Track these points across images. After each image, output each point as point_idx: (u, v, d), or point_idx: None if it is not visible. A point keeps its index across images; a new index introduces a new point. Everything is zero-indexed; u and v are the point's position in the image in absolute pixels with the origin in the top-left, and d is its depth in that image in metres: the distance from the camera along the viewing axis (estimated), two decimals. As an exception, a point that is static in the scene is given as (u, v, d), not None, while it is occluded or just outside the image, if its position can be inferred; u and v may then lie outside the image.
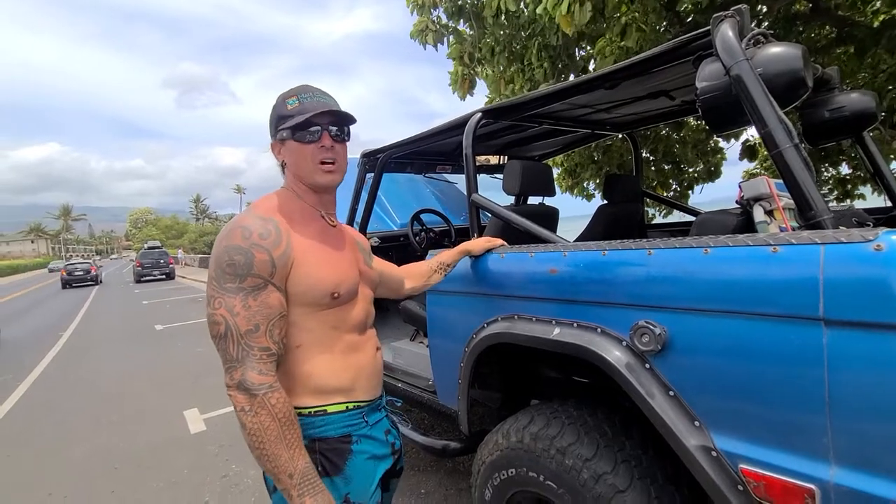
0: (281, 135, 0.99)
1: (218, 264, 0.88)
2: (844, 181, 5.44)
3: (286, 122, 0.97)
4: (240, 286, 0.87)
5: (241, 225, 0.90)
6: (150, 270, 21.88)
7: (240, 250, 0.87)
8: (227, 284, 0.87)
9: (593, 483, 1.21)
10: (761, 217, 1.32)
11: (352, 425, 0.99)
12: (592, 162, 5.52)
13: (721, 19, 1.17)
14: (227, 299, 0.86)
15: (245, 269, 0.87)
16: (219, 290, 0.87)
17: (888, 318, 0.77)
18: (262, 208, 0.97)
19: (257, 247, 0.88)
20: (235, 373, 0.85)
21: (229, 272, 0.87)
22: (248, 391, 0.84)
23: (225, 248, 0.88)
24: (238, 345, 0.85)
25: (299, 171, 1.01)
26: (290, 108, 0.97)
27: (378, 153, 2.48)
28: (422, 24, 4.45)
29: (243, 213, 0.96)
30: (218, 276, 0.88)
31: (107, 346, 7.18)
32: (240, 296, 0.86)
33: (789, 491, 0.89)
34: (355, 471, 0.97)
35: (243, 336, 0.85)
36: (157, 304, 12.32)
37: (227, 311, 0.86)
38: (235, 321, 0.85)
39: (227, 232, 0.91)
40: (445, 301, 1.81)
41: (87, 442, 3.52)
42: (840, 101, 1.64)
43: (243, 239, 0.88)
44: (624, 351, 1.15)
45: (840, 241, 0.83)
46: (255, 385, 0.84)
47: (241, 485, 2.74)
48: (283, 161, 1.03)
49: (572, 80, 1.66)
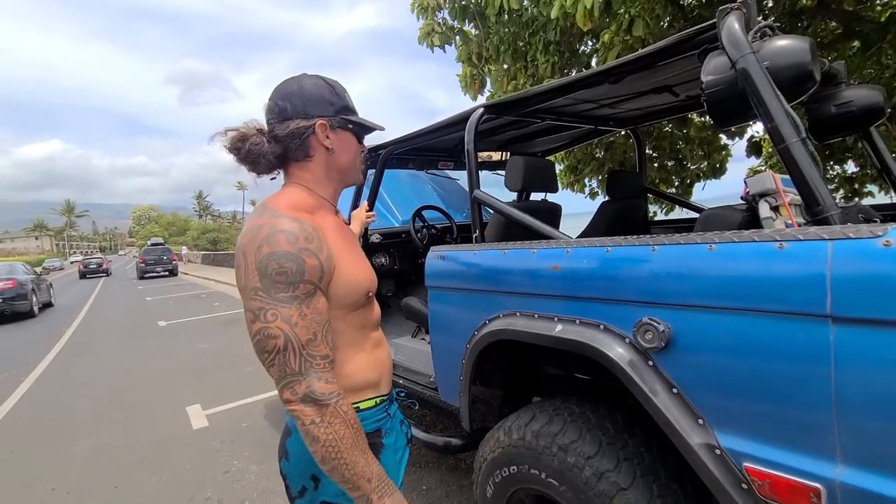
0: (344, 123, 0.97)
1: (264, 273, 0.81)
2: (851, 179, 5.40)
3: (354, 116, 0.99)
4: (293, 294, 0.81)
5: (281, 229, 0.83)
6: (153, 267, 21.95)
7: (290, 256, 0.81)
8: (280, 294, 0.81)
9: (595, 481, 1.20)
10: (767, 213, 1.31)
11: (380, 419, 0.99)
12: (594, 158, 5.50)
13: (727, 12, 1.15)
14: (283, 310, 0.81)
15: (298, 276, 0.82)
16: (270, 301, 0.80)
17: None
18: (284, 206, 0.89)
19: (307, 251, 0.83)
20: (299, 386, 0.80)
21: (281, 280, 0.81)
22: (316, 402, 0.80)
23: (270, 255, 0.81)
24: (300, 356, 0.81)
25: (347, 164, 1.01)
26: (352, 105, 1.00)
27: (380, 149, 2.46)
28: (428, 27, 4.44)
29: (269, 216, 0.86)
30: (267, 287, 0.81)
31: (110, 343, 7.21)
32: (294, 305, 0.81)
33: (795, 490, 0.88)
34: (387, 464, 0.97)
35: (304, 346, 0.81)
36: (161, 301, 12.36)
37: (284, 322, 0.80)
38: (295, 332, 0.80)
39: (265, 237, 0.82)
40: (447, 297, 1.80)
41: (90, 437, 3.54)
42: (847, 96, 1.62)
43: (290, 244, 0.82)
44: (627, 348, 1.13)
45: (848, 236, 0.82)
46: (325, 395, 0.81)
47: (243, 480, 2.74)
48: (330, 147, 0.96)
49: (575, 74, 1.64)
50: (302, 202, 0.93)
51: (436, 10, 4.51)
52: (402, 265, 3.33)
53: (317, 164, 0.97)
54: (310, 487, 0.94)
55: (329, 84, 0.97)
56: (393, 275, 3.30)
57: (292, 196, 0.93)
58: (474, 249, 1.66)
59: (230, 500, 2.54)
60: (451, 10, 4.43)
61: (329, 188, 1.01)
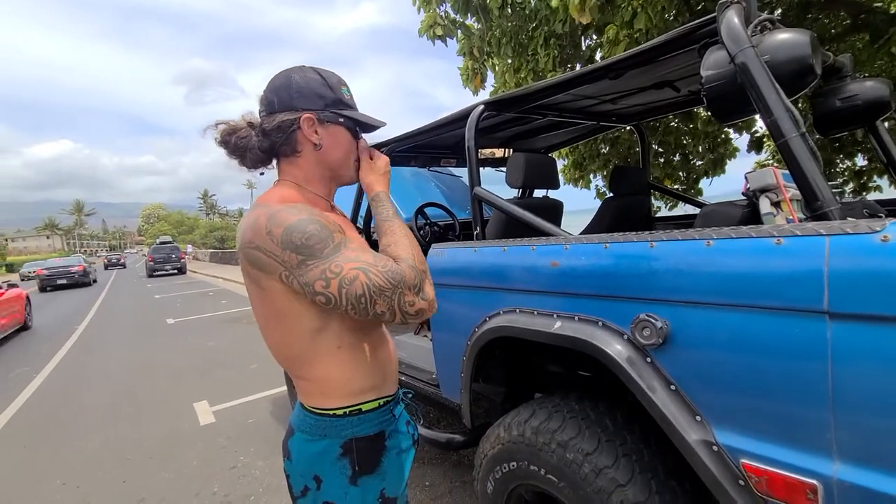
0: (335, 118, 0.92)
1: (295, 247, 0.79)
2: (860, 173, 5.31)
3: (347, 110, 0.94)
4: (334, 245, 0.81)
5: (279, 209, 0.83)
6: (161, 265, 22.16)
7: (305, 221, 0.80)
8: (325, 251, 0.80)
9: (594, 477, 1.20)
10: (767, 208, 1.29)
11: (384, 421, 0.98)
12: (598, 154, 5.46)
13: (727, 6, 1.13)
14: (338, 259, 0.80)
15: (326, 231, 0.81)
16: (324, 261, 0.79)
17: (894, 310, 0.75)
18: (275, 201, 0.88)
19: (316, 212, 0.84)
20: (409, 295, 0.82)
21: (315, 243, 0.79)
22: (425, 279, 0.86)
23: (287, 230, 0.79)
24: (385, 277, 0.80)
25: (337, 161, 0.96)
26: (347, 98, 0.95)
27: (381, 146, 2.47)
28: (430, 20, 4.42)
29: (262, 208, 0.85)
30: (309, 254, 0.79)
31: (119, 340, 7.30)
32: (342, 251, 0.81)
33: (791, 486, 0.88)
34: (390, 466, 0.97)
35: (380, 269, 0.81)
36: (169, 299, 12.48)
37: (351, 265, 0.79)
38: (365, 266, 0.80)
39: (268, 222, 0.81)
40: (448, 294, 1.80)
41: (100, 433, 3.59)
42: (853, 90, 1.59)
43: (297, 213, 0.82)
44: (625, 344, 1.13)
45: (846, 231, 0.81)
46: (421, 274, 0.86)
47: (249, 476, 2.77)
48: (317, 143, 0.92)
49: (576, 70, 1.63)
50: (292, 196, 0.91)
51: (438, 3, 4.49)
52: None
53: (305, 160, 0.94)
54: (312, 487, 0.93)
55: (322, 76, 0.93)
56: None
57: (284, 191, 0.92)
58: (475, 247, 1.67)
59: (236, 495, 2.57)
60: (453, 4, 4.41)
61: (320, 185, 0.97)
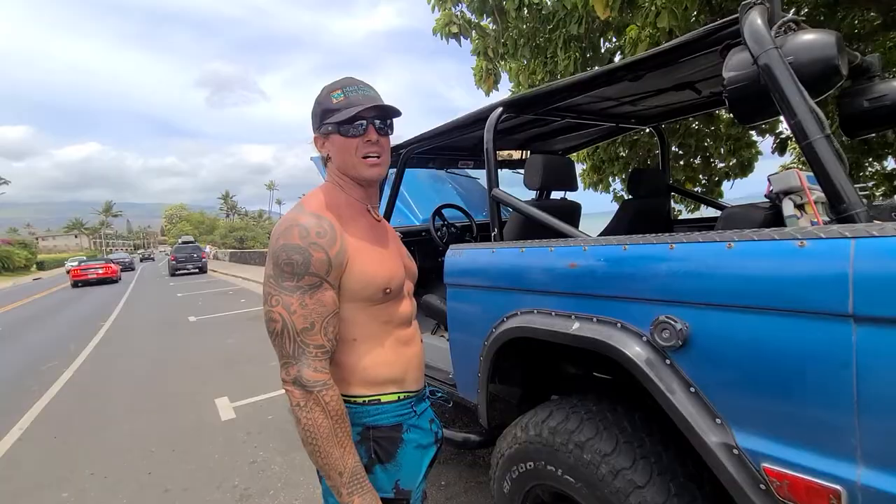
0: (326, 128, 0.98)
1: (276, 262, 0.89)
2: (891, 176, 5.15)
3: (332, 115, 0.96)
4: (297, 284, 0.88)
5: (299, 223, 0.90)
6: (183, 264, 22.68)
7: (298, 249, 0.88)
8: (285, 283, 0.88)
9: (612, 478, 1.20)
10: (791, 211, 1.28)
11: (403, 415, 1.01)
12: (618, 158, 5.41)
13: (750, 6, 1.13)
14: (285, 297, 0.88)
15: (303, 268, 0.88)
16: (276, 288, 0.88)
17: (921, 314, 0.73)
18: (313, 205, 0.96)
19: (315, 246, 0.89)
20: (291, 369, 0.87)
21: (287, 271, 0.88)
22: (303, 387, 0.86)
23: (283, 247, 0.89)
24: (294, 342, 0.87)
25: (345, 165, 1.00)
26: (336, 102, 0.96)
27: (400, 148, 2.50)
28: (445, 19, 4.45)
29: (297, 211, 0.95)
30: (276, 275, 0.89)
31: (143, 337, 7.51)
32: (297, 294, 0.88)
33: (814, 491, 0.87)
34: (405, 459, 1.00)
35: (299, 334, 0.87)
36: (191, 297, 12.78)
37: (284, 308, 0.87)
38: (292, 319, 0.87)
39: (284, 229, 0.91)
40: (465, 295, 1.82)
41: (125, 426, 3.71)
42: (881, 90, 1.55)
43: (301, 238, 0.89)
44: (644, 346, 1.13)
45: (871, 234, 0.80)
46: (310, 382, 0.86)
47: (268, 471, 2.83)
48: (328, 154, 1.02)
49: (595, 70, 1.63)
50: (330, 201, 0.99)
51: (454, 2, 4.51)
52: (423, 263, 3.35)
53: (332, 170, 1.05)
54: None
55: (320, 94, 1.00)
56: None
57: (320, 196, 1.00)
58: (493, 247, 1.68)
59: (256, 489, 2.63)
60: (469, 4, 4.42)
61: (356, 189, 1.04)
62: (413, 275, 1.16)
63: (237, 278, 17.79)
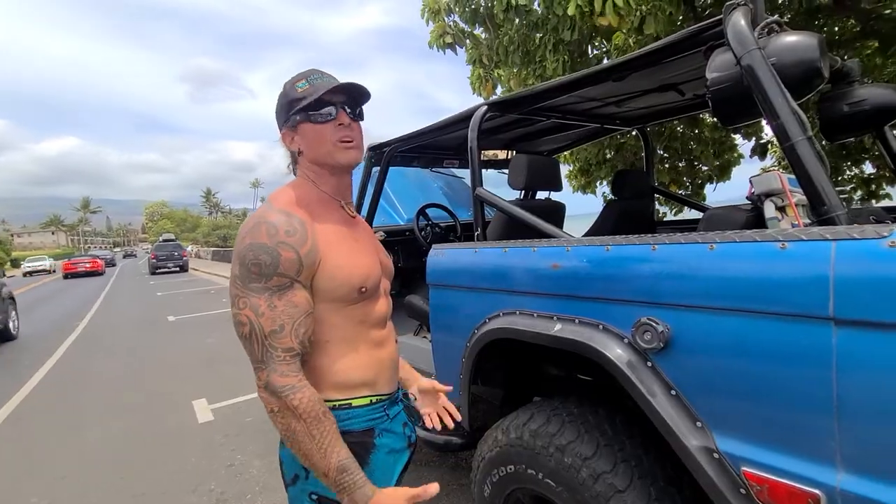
0: (293, 119, 0.94)
1: (242, 263, 0.84)
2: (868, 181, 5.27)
3: (298, 104, 0.92)
4: (265, 286, 0.84)
5: (266, 221, 0.86)
6: (164, 262, 22.27)
7: (265, 249, 0.84)
8: (253, 284, 0.84)
9: (592, 482, 1.19)
10: (772, 213, 1.28)
11: (375, 419, 0.98)
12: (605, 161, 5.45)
13: (734, 7, 1.12)
14: (252, 299, 0.84)
15: (271, 269, 0.84)
16: (244, 290, 0.84)
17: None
18: (281, 202, 0.92)
19: (284, 245, 0.85)
20: (262, 374, 0.84)
21: (255, 272, 0.84)
22: (274, 393, 0.83)
23: (250, 246, 0.84)
24: (262, 346, 0.83)
25: (317, 153, 0.95)
26: (302, 91, 0.92)
27: (384, 147, 2.46)
28: (440, 30, 4.46)
29: (264, 208, 0.91)
30: (243, 276, 0.84)
31: (121, 337, 7.32)
32: (265, 296, 0.84)
33: (793, 496, 0.86)
34: (378, 465, 0.96)
35: (267, 337, 0.83)
36: (171, 296, 12.52)
37: (251, 311, 0.83)
38: (260, 322, 0.83)
39: (251, 228, 0.86)
40: (447, 295, 1.79)
41: (99, 428, 3.59)
42: (860, 95, 1.58)
43: (269, 237, 0.84)
44: (625, 348, 1.12)
45: (852, 237, 0.80)
46: (277, 387, 0.82)
47: (246, 474, 2.76)
48: (298, 149, 0.97)
49: (580, 71, 1.62)
50: (301, 197, 0.94)
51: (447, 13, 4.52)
52: (406, 263, 3.32)
53: (304, 165, 1.00)
54: (301, 476, 0.94)
55: (283, 88, 0.96)
56: (397, 273, 3.29)
57: (292, 191, 0.96)
58: (475, 248, 1.66)
59: (232, 493, 2.56)
60: (461, 14, 4.42)
61: (328, 182, 0.99)
62: (389, 273, 1.12)
63: (219, 277, 17.50)
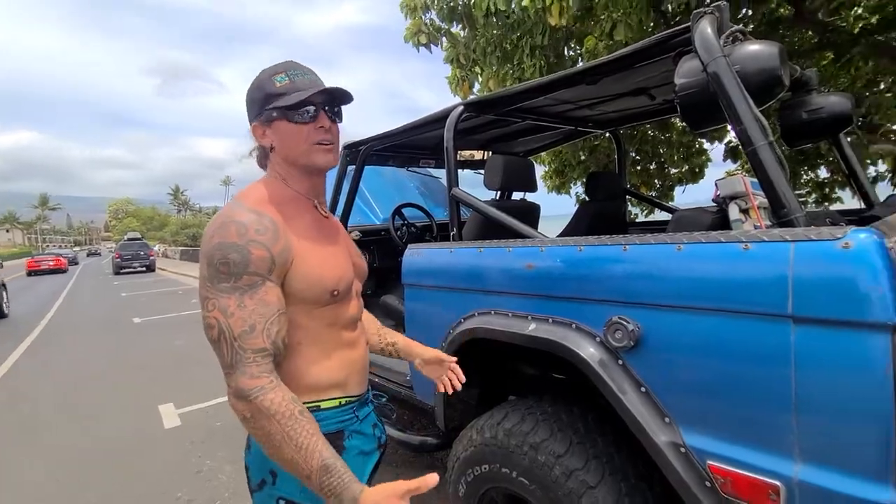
0: (269, 114, 0.89)
1: (210, 263, 0.81)
2: (823, 185, 5.55)
3: (277, 100, 0.88)
4: (234, 285, 0.80)
5: (235, 220, 0.83)
6: (129, 262, 21.43)
7: (235, 247, 0.80)
8: (221, 284, 0.80)
9: (565, 479, 1.21)
10: (736, 215, 1.33)
11: (344, 421, 0.96)
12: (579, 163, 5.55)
13: (701, 15, 1.16)
14: (221, 300, 0.80)
15: (241, 268, 0.80)
16: (212, 291, 0.81)
17: (854, 315, 0.77)
18: (251, 199, 0.88)
19: (255, 243, 0.82)
20: (231, 380, 0.79)
21: (223, 271, 0.80)
22: (244, 398, 0.78)
23: (218, 245, 0.81)
24: (231, 349, 0.79)
25: (293, 152, 0.92)
26: (281, 86, 0.88)
27: (360, 145, 2.44)
28: (415, 27, 4.42)
29: (232, 207, 0.87)
30: (211, 276, 0.81)
31: (82, 339, 6.99)
32: (234, 295, 0.80)
33: (755, 487, 0.89)
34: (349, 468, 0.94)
35: (237, 338, 0.79)
36: (136, 297, 12.05)
37: (220, 312, 0.80)
38: (229, 323, 0.79)
39: (218, 227, 0.83)
40: (423, 295, 1.79)
41: (59, 434, 3.43)
42: (818, 103, 1.66)
43: (238, 235, 0.81)
44: (597, 347, 1.14)
45: (809, 238, 0.83)
46: (246, 390, 0.78)
47: (215, 480, 2.68)
48: (271, 145, 0.93)
49: (554, 74, 1.64)
50: (272, 196, 0.91)
51: (424, 10, 4.49)
52: (382, 263, 3.30)
53: (275, 162, 0.96)
54: (268, 481, 0.91)
55: (258, 77, 0.92)
56: (372, 273, 3.27)
57: (262, 189, 0.92)
58: (451, 247, 1.66)
59: (201, 500, 2.48)
60: (438, 11, 4.41)
61: (301, 181, 0.96)
62: (363, 274, 1.10)
63: (188, 277, 16.96)
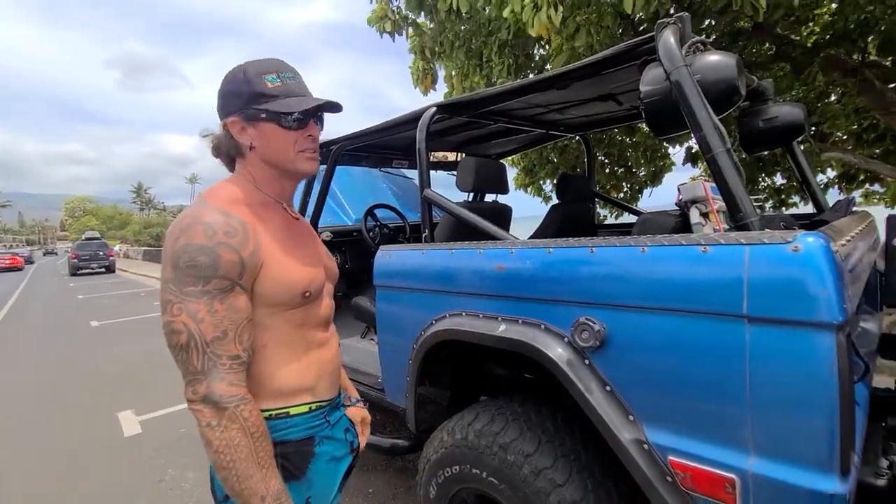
0: (256, 114, 0.86)
1: (176, 265, 0.77)
2: (779, 190, 5.84)
3: (267, 102, 0.85)
4: (203, 289, 0.77)
5: (202, 221, 0.80)
6: (87, 263, 20.40)
7: (203, 250, 0.77)
8: (189, 288, 0.77)
9: (533, 478, 1.22)
10: (697, 218, 1.38)
11: (315, 426, 0.93)
12: (549, 162, 5.65)
13: (664, 25, 1.20)
14: (190, 304, 0.77)
15: (210, 271, 0.77)
16: (178, 295, 0.77)
17: (802, 315, 0.81)
18: (219, 199, 0.85)
19: (224, 246, 0.79)
20: (200, 386, 0.76)
21: (191, 274, 0.77)
22: (216, 405, 0.76)
23: (184, 247, 0.77)
24: (203, 355, 0.77)
25: (279, 157, 0.89)
26: (272, 87, 0.85)
27: (331, 144, 2.40)
28: (381, 12, 4.36)
29: (199, 206, 0.84)
30: (177, 279, 0.77)
31: (36, 344, 6.61)
32: (204, 300, 0.77)
33: (712, 481, 0.93)
34: (318, 474, 0.92)
35: (209, 344, 0.77)
36: (94, 299, 11.50)
37: (189, 317, 0.77)
38: (200, 328, 0.77)
39: (184, 228, 0.79)
40: (395, 297, 1.78)
41: (13, 443, 3.24)
42: (773, 112, 1.74)
43: (206, 237, 0.78)
44: (565, 347, 1.16)
45: (763, 241, 0.87)
46: (224, 398, 0.76)
47: (178, 489, 2.59)
48: (251, 144, 0.89)
49: (526, 78, 1.66)
50: (242, 195, 0.89)
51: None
52: (354, 264, 3.27)
53: (250, 162, 0.92)
54: None
55: (243, 71, 0.87)
56: (344, 274, 3.23)
57: (232, 188, 0.89)
58: (422, 249, 1.65)
59: (163, 511, 2.39)
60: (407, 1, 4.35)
61: (273, 184, 0.93)
62: (333, 276, 1.08)
63: (150, 279, 16.31)
